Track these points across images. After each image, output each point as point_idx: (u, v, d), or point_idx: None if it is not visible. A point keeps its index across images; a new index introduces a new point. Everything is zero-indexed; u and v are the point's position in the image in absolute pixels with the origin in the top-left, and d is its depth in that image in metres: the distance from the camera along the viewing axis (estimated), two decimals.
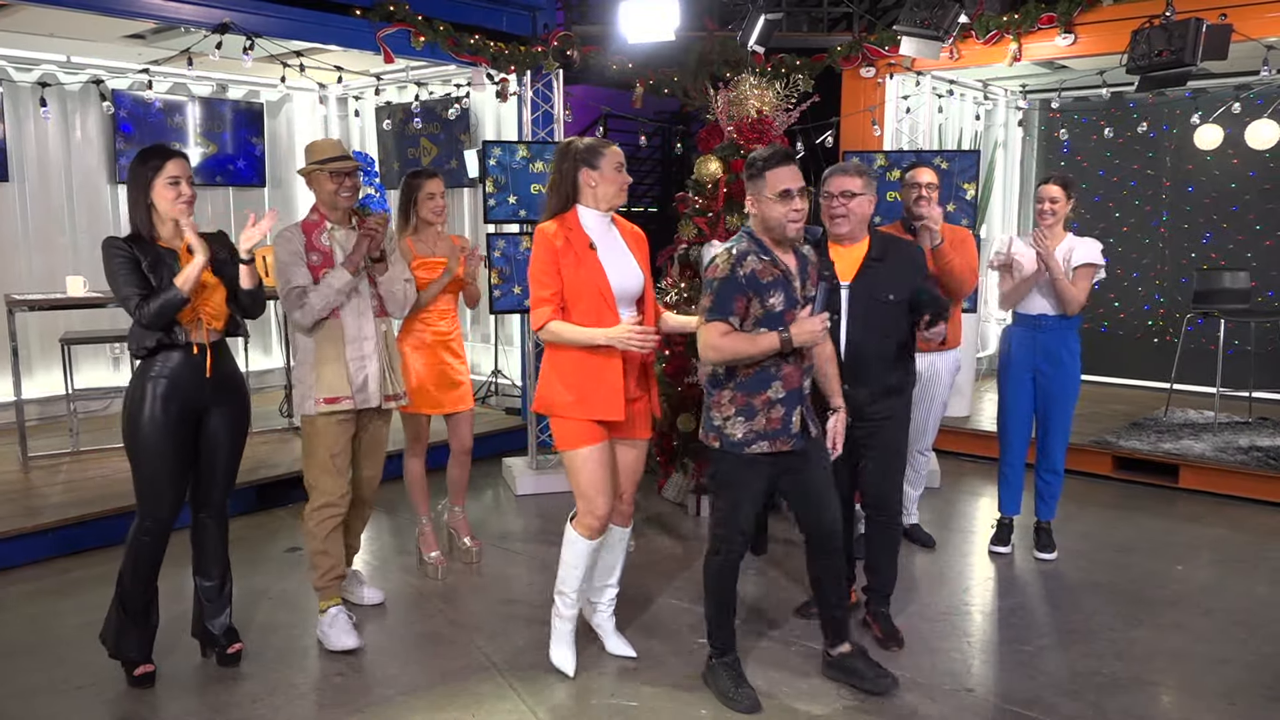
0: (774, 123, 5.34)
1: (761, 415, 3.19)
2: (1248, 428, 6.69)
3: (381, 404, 3.89)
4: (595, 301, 3.26)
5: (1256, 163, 7.90)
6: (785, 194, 3.10)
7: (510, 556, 4.87)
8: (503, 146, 5.72)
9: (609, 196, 3.33)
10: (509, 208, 5.69)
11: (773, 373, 3.18)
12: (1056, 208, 4.55)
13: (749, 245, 3.18)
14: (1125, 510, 5.64)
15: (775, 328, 3.13)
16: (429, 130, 7.66)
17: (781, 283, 3.14)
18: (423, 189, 4.45)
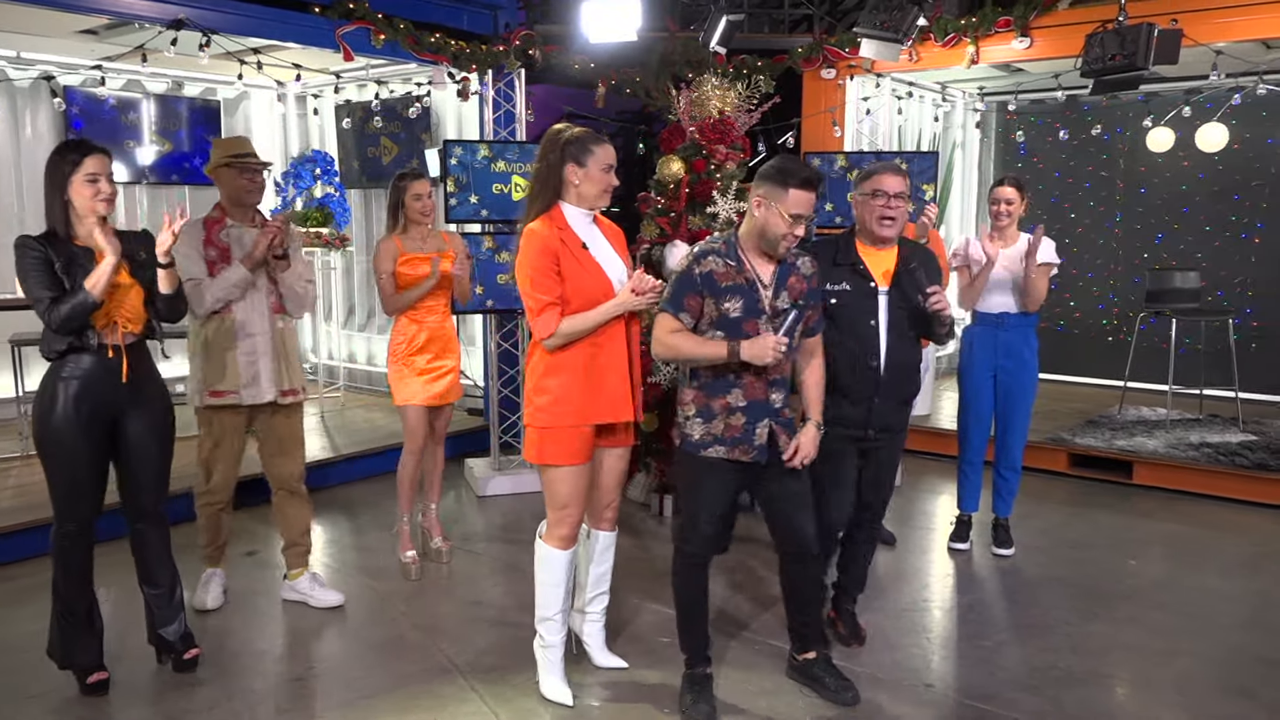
0: (736, 123, 5.36)
1: (720, 420, 3.16)
2: (1198, 424, 6.83)
3: (278, 399, 3.96)
4: (598, 301, 3.13)
5: (1206, 165, 8.07)
6: (796, 218, 3.05)
7: (474, 558, 4.85)
8: (464, 146, 5.69)
9: (592, 197, 3.16)
10: (470, 207, 5.66)
11: (730, 379, 3.14)
12: (1011, 209, 4.62)
13: (719, 246, 3.16)
14: (1081, 506, 5.73)
15: (732, 334, 3.10)
16: (389, 129, 7.60)
17: (743, 289, 3.10)
18: (409, 190, 4.48)
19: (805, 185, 3.05)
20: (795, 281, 3.20)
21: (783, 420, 3.21)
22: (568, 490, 3.24)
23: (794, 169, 3.06)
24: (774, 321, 3.13)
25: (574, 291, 3.11)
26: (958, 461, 4.89)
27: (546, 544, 3.34)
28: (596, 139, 3.17)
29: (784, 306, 3.15)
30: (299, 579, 4.25)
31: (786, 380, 3.23)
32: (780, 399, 3.20)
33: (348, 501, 5.74)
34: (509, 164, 5.74)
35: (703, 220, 5.26)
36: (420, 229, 4.53)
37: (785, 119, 6.76)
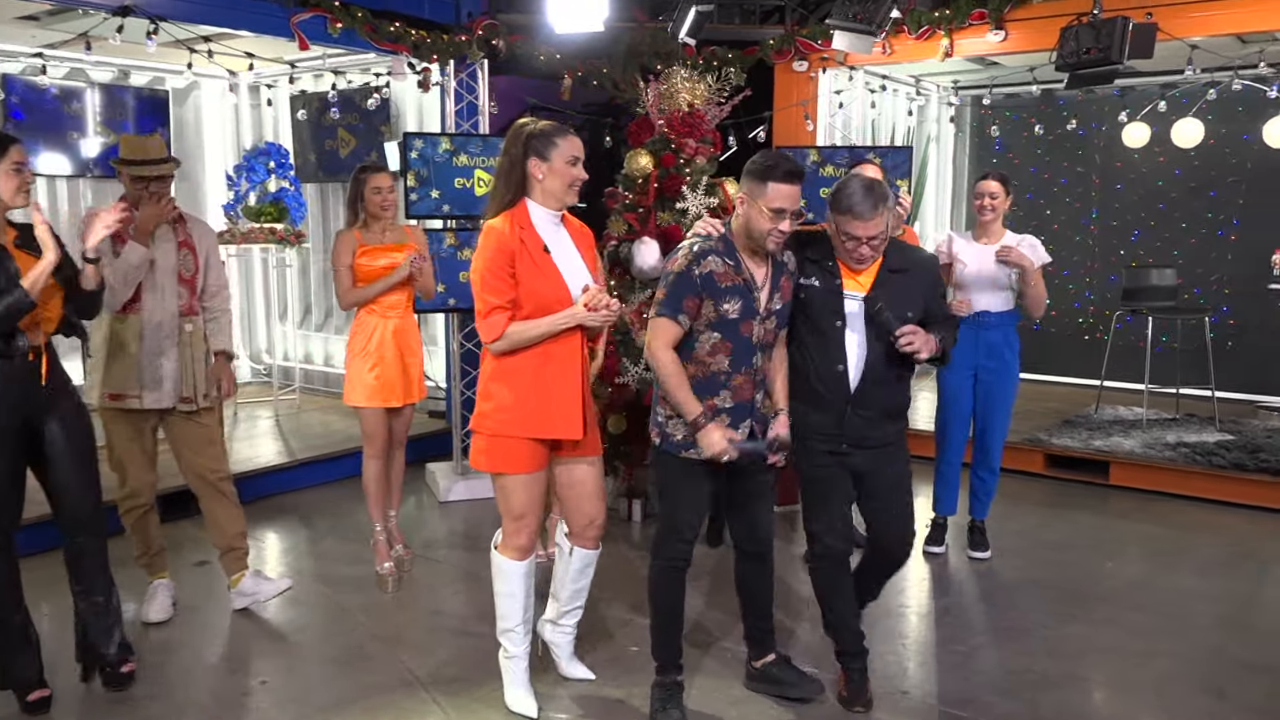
0: (706, 116, 5.37)
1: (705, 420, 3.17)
2: (1175, 424, 6.93)
3: (177, 406, 3.95)
4: (553, 309, 3.08)
5: (1182, 161, 8.19)
6: (778, 213, 3.03)
7: (435, 567, 4.83)
8: (425, 139, 5.66)
9: (557, 194, 3.11)
10: (431, 202, 5.63)
11: (723, 380, 3.14)
12: (996, 203, 4.66)
13: (716, 245, 3.14)
14: (1058, 508, 5.80)
15: (728, 335, 3.11)
16: (347, 121, 7.55)
17: (741, 290, 3.09)
18: (369, 183, 4.48)
19: (786, 178, 3.03)
20: (785, 281, 3.21)
21: (761, 416, 3.24)
22: (522, 499, 3.20)
23: (773, 162, 3.06)
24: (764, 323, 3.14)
25: (528, 295, 3.06)
26: (935, 463, 4.93)
27: (502, 555, 3.31)
28: (561, 131, 3.12)
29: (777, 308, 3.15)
30: (241, 583, 4.20)
31: (765, 379, 3.26)
32: (760, 399, 3.23)
33: (304, 508, 5.69)
34: (471, 158, 5.71)
35: (672, 216, 5.26)
36: (380, 224, 4.51)
37: (756, 112, 6.78)
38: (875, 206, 3.10)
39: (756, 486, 3.29)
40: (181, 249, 4.00)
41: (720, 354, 3.15)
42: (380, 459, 4.57)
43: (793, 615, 4.17)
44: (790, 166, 3.05)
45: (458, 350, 6.24)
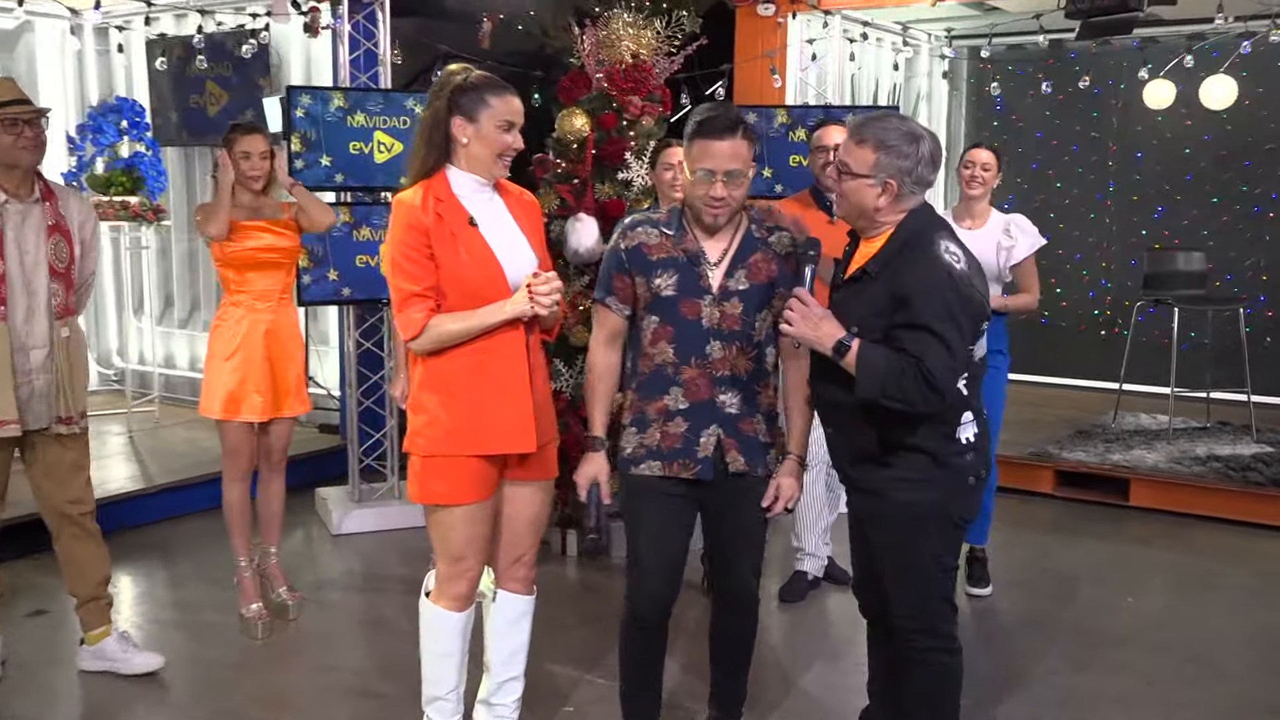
0: (653, 70, 5.41)
1: (655, 427, 3.17)
2: (1205, 434, 7.12)
3: (51, 426, 3.92)
4: (485, 296, 3.05)
5: (1212, 125, 8.39)
6: (705, 174, 3.05)
7: (328, 613, 4.80)
8: (313, 94, 5.62)
9: (483, 163, 3.09)
10: (321, 171, 5.60)
11: (670, 374, 3.16)
12: (988, 176, 4.77)
13: (659, 215, 3.20)
14: (1068, 533, 5.93)
15: (667, 317, 3.13)
16: (217, 71, 7.46)
17: (678, 263, 3.12)
18: (237, 145, 4.46)
19: (713, 133, 3.03)
20: (761, 260, 3.17)
21: (739, 432, 3.18)
22: (462, 538, 3.16)
23: (702, 116, 3.08)
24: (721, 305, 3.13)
25: (451, 281, 3.04)
26: None
27: (436, 605, 3.26)
28: (497, 88, 3.08)
29: (742, 286, 3.15)
30: (103, 641, 4.15)
31: (745, 381, 3.19)
32: (735, 403, 3.17)
33: (164, 544, 5.62)
34: (370, 117, 5.69)
35: (613, 189, 5.29)
36: (253, 197, 4.48)
37: (714, 65, 6.83)
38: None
39: (738, 522, 3.24)
40: (52, 234, 3.91)
41: (661, 341, 3.16)
42: (244, 481, 4.55)
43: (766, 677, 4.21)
44: (723, 121, 3.05)
45: (354, 351, 6.20)
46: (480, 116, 3.05)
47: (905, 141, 2.92)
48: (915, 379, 2.79)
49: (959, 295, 2.85)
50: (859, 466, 3.07)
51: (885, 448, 2.98)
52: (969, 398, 2.99)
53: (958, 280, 2.86)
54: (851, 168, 2.97)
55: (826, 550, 5.07)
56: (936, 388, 2.79)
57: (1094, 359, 8.79)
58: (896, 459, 2.98)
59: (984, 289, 2.98)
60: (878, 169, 2.93)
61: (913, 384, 2.80)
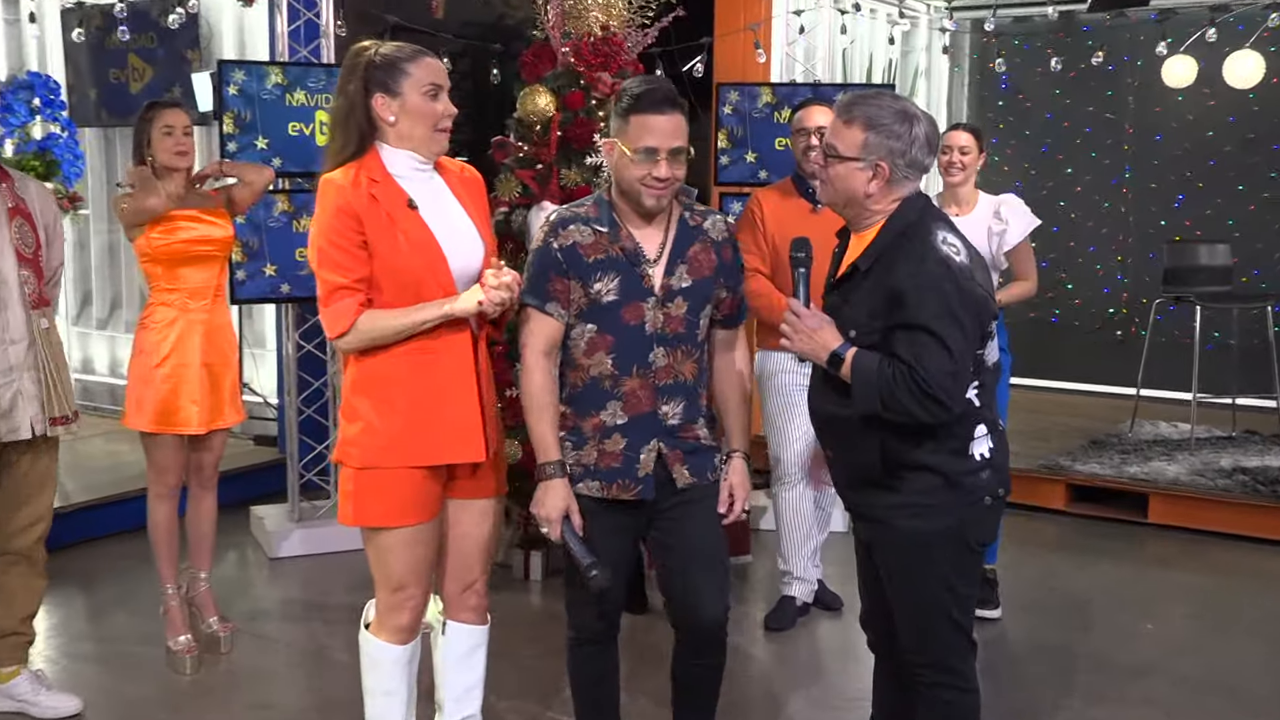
0: (624, 43, 5.40)
1: (592, 445, 3.17)
2: (1230, 444, 7.15)
3: (46, 431, 3.89)
4: (425, 288, 3.03)
5: (1237, 105, 8.46)
6: (648, 152, 3.04)
7: (264, 645, 4.77)
8: (247, 69, 5.59)
9: (419, 139, 3.07)
10: (256, 154, 5.56)
11: (608, 388, 3.14)
12: (967, 160, 4.83)
13: (585, 210, 3.18)
14: (1081, 553, 5.96)
15: (606, 325, 3.12)
16: (140, 44, 7.41)
17: (618, 263, 3.12)
18: (158, 121, 4.40)
19: (656, 107, 3.05)
20: (700, 252, 3.19)
21: (682, 442, 3.19)
22: (403, 563, 3.13)
23: (639, 90, 3.08)
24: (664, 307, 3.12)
25: (387, 271, 3.01)
26: None
27: (376, 638, 3.23)
28: (410, 54, 3.07)
29: (686, 284, 3.15)
30: (13, 680, 4.10)
31: (690, 387, 3.20)
32: (678, 412, 3.18)
33: (82, 570, 5.57)
34: (311, 95, 5.67)
35: (581, 174, 5.28)
36: (178, 181, 4.43)
37: (692, 39, 6.83)
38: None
39: (693, 540, 3.22)
40: (14, 217, 3.88)
41: (599, 351, 3.15)
42: (172, 499, 4.51)
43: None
44: (663, 93, 3.08)
45: (294, 354, 6.17)
46: (403, 88, 3.03)
47: (897, 121, 2.90)
48: (909, 388, 2.77)
49: (959, 290, 2.82)
50: (863, 491, 3.04)
51: (890, 468, 2.94)
52: (982, 409, 2.97)
53: (957, 273, 2.84)
54: (838, 150, 2.95)
55: (816, 573, 5.07)
56: (934, 396, 2.76)
57: (1108, 362, 8.85)
58: (903, 482, 2.94)
59: (987, 284, 2.97)
60: (867, 150, 2.91)
61: (907, 394, 2.77)
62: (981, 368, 2.95)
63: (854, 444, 2.99)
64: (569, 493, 3.14)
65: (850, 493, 3.11)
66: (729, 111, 6.24)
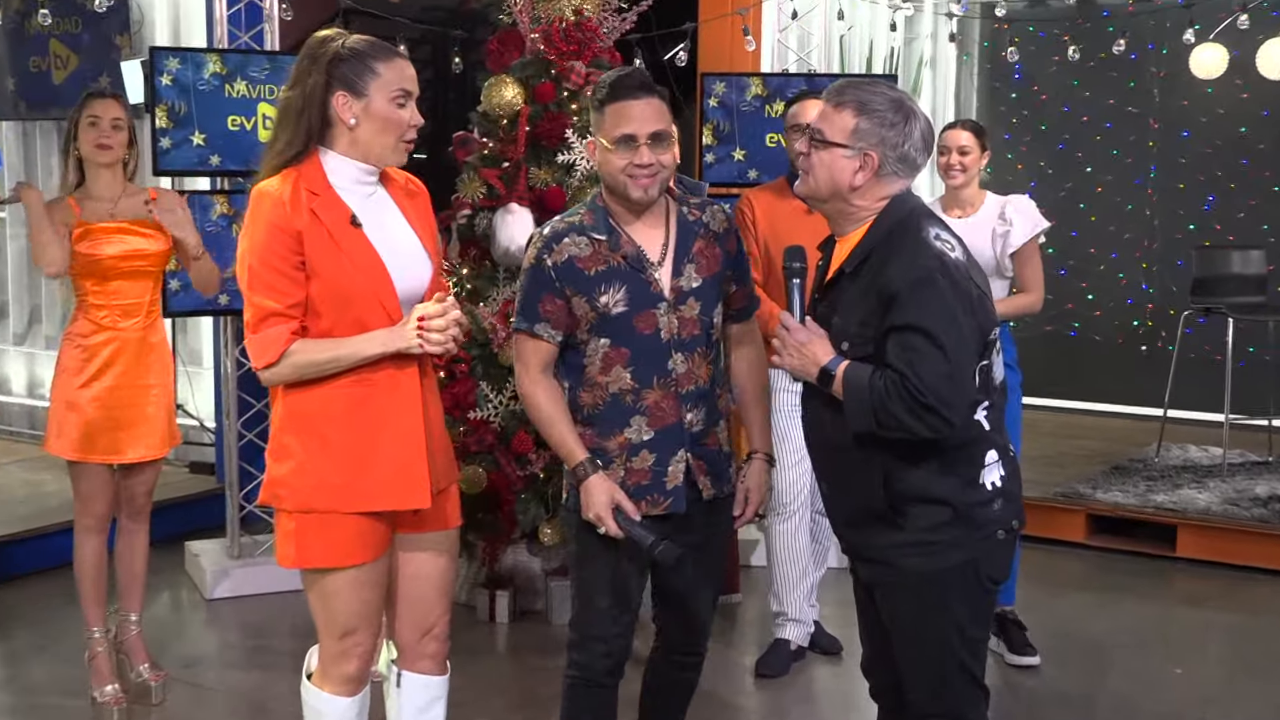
0: (600, 29, 5.42)
1: (618, 464, 3.23)
2: (1266, 470, 7.20)
3: None
4: (369, 313, 3.00)
5: (1272, 97, 8.51)
6: (626, 140, 3.12)
7: (200, 695, 4.76)
8: (182, 57, 5.59)
9: (377, 149, 3.03)
10: (193, 152, 5.56)
11: (629, 403, 3.21)
12: (967, 161, 4.87)
13: (579, 219, 3.22)
14: (1103, 590, 5.98)
15: (621, 339, 3.18)
16: (63, 29, 7.41)
17: (622, 272, 3.18)
18: (85, 110, 4.38)
19: (628, 93, 3.14)
20: (705, 247, 3.26)
21: (705, 450, 3.28)
22: (349, 607, 3.11)
23: (611, 79, 3.20)
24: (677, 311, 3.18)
25: (329, 298, 2.98)
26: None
27: (321, 689, 3.21)
28: (385, 52, 3.04)
29: (696, 284, 3.22)
30: None
31: (708, 391, 3.29)
32: (700, 418, 3.27)
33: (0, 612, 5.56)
34: (253, 86, 5.67)
35: (551, 174, 5.29)
36: (107, 181, 4.43)
37: (675, 24, 6.85)
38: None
39: (703, 570, 3.34)
40: None
41: (615, 366, 3.21)
42: (100, 534, 4.49)
43: None
44: (637, 78, 3.20)
45: (233, 372, 6.15)
46: (369, 89, 2.97)
47: (893, 110, 2.92)
48: (901, 397, 2.75)
49: (954, 286, 2.82)
50: (864, 529, 3.02)
51: (894, 502, 2.92)
52: (992, 432, 2.96)
53: (952, 269, 2.85)
54: (825, 134, 2.95)
55: (813, 614, 5.07)
56: (929, 404, 2.74)
57: (1132, 379, 8.88)
58: (908, 517, 2.92)
59: (985, 287, 2.97)
60: (857, 137, 2.91)
61: (900, 405, 2.76)
62: (989, 386, 2.95)
63: (853, 474, 2.97)
64: (610, 485, 3.18)
65: (849, 531, 3.09)
66: (715, 104, 6.25)
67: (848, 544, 3.13)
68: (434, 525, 3.22)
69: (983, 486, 2.95)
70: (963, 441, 2.89)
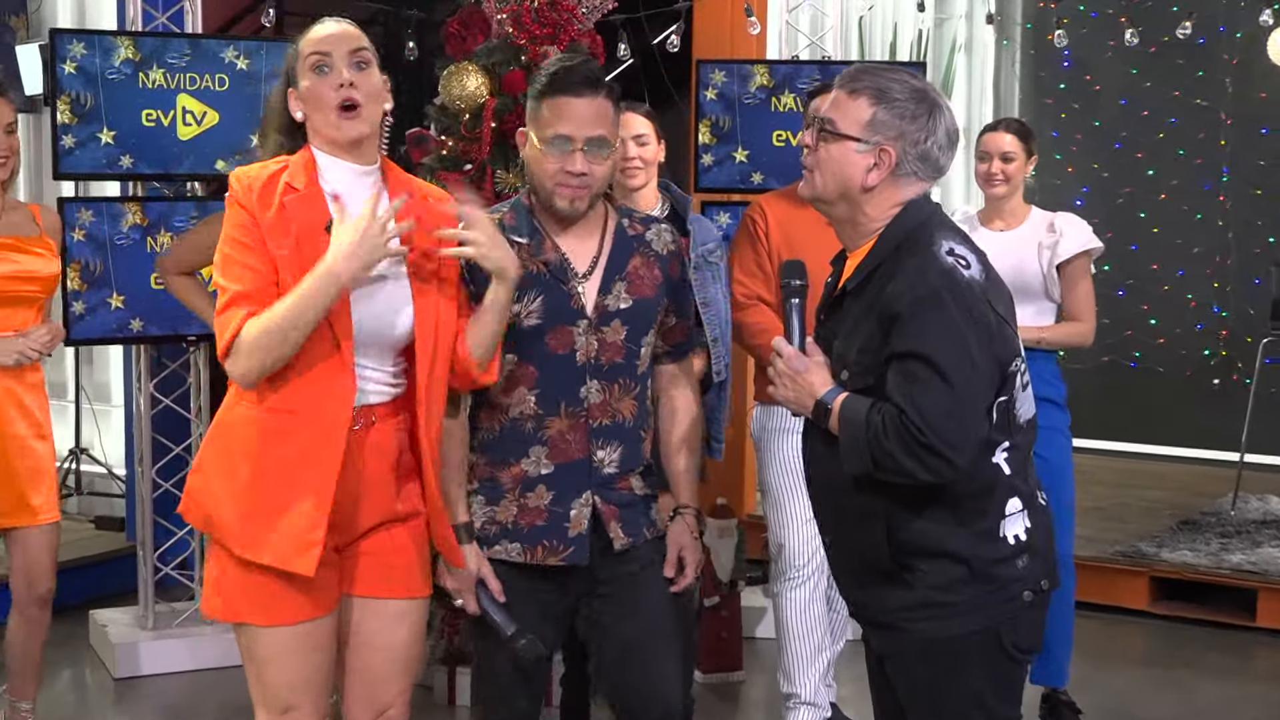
0: (578, 9, 5.45)
1: (510, 499, 3.26)
2: None
3: None
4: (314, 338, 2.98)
5: None
6: (560, 141, 3.17)
7: None
8: (88, 41, 5.59)
9: (326, 130, 3.07)
10: (100, 151, 5.56)
11: (529, 430, 3.25)
12: (1011, 169, 4.88)
13: (500, 218, 3.25)
14: (1171, 666, 5.98)
15: (528, 354, 3.22)
16: None
17: (541, 280, 3.23)
18: None
19: (570, 88, 3.19)
20: (641, 266, 3.32)
21: (617, 494, 3.30)
22: (282, 677, 3.10)
23: (553, 69, 3.25)
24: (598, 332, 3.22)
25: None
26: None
27: None
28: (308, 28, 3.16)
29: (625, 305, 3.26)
30: None
31: (629, 428, 3.32)
32: (614, 460, 3.29)
33: None
34: (171, 75, 5.66)
35: (520, 177, 5.30)
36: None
37: (665, 3, 6.88)
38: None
39: (646, 611, 3.34)
40: None
41: (519, 386, 3.25)
42: None
43: None
44: (583, 73, 3.24)
45: (146, 410, 6.12)
46: (299, 72, 3.09)
47: (915, 100, 2.91)
48: (899, 435, 2.73)
49: (967, 311, 2.80)
50: (871, 589, 2.99)
51: (900, 555, 2.90)
52: (1014, 478, 2.94)
53: (964, 289, 2.82)
54: (836, 125, 2.94)
55: (829, 695, 5.06)
56: (929, 444, 2.71)
57: (1203, 419, 8.89)
58: (916, 574, 2.89)
59: (1008, 313, 2.95)
60: (873, 129, 2.90)
61: (898, 444, 2.74)
62: (1012, 424, 2.92)
63: (856, 523, 2.95)
64: (480, 557, 3.24)
65: (854, 590, 3.07)
66: (713, 97, 6.23)
67: (854, 605, 3.12)
68: (393, 590, 3.21)
69: (1003, 540, 2.93)
70: (978, 489, 2.87)
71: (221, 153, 5.68)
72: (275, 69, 5.44)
